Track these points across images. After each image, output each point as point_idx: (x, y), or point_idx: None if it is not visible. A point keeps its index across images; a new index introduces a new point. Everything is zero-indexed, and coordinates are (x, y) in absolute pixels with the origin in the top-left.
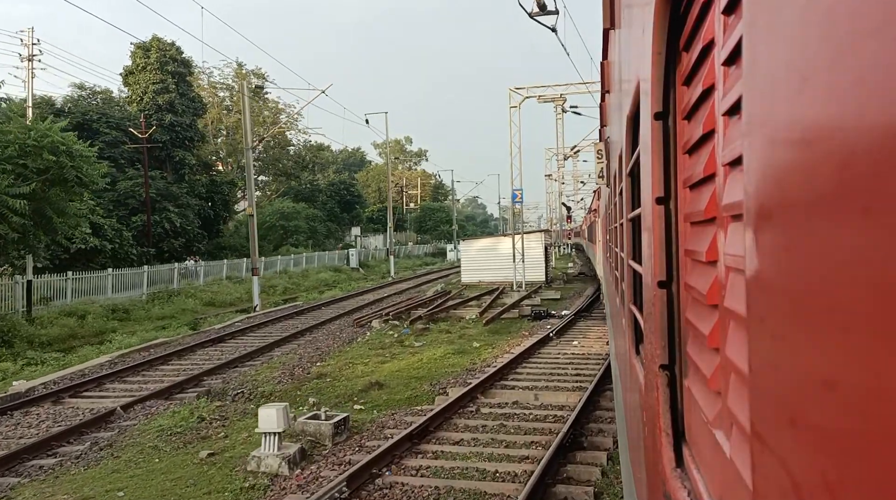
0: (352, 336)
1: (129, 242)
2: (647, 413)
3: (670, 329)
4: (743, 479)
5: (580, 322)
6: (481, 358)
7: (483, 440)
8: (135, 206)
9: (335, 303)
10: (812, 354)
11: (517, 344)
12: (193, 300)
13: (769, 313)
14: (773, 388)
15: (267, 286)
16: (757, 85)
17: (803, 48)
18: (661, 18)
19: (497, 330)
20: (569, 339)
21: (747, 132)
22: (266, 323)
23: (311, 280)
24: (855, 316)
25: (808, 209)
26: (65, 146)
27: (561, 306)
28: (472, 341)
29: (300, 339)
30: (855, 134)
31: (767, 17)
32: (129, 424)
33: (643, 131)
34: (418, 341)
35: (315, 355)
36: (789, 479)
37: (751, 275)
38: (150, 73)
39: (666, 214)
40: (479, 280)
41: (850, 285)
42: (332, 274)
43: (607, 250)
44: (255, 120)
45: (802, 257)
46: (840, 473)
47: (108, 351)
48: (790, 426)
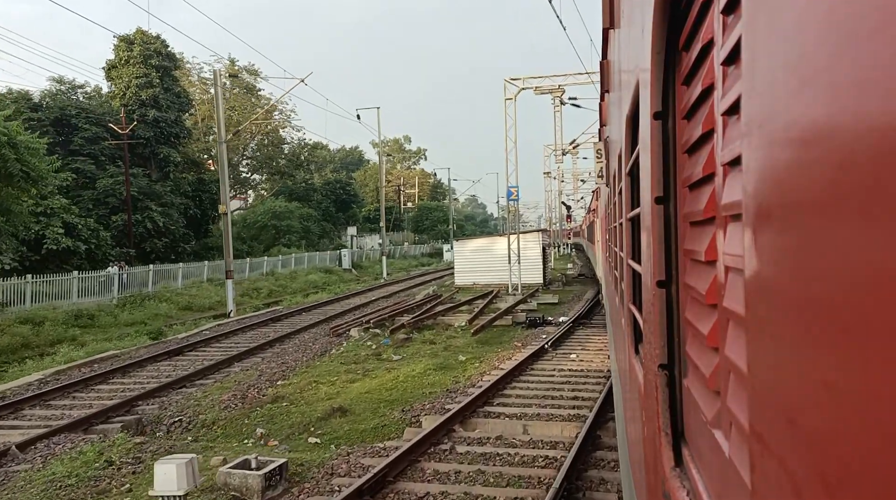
0: (325, 347)
1: (108, 242)
2: (647, 413)
3: (669, 329)
4: (742, 478)
5: (579, 331)
6: (466, 375)
7: (454, 495)
8: (115, 204)
9: (318, 307)
10: (811, 354)
11: (508, 358)
12: (168, 305)
13: (768, 313)
14: (772, 388)
15: (251, 289)
16: (756, 85)
17: (802, 48)
18: (660, 18)
19: (487, 340)
20: (566, 351)
21: (746, 132)
22: (237, 331)
23: (300, 282)
24: (853, 316)
25: (806, 209)
26: (6, 137)
27: (559, 311)
28: (457, 354)
29: (267, 351)
30: (853, 134)
31: (766, 18)
32: (18, 470)
33: (642, 131)
34: (397, 354)
35: (278, 371)
36: (788, 478)
37: (750, 275)
38: (133, 68)
39: (665, 214)
40: (474, 283)
41: (848, 285)
42: (323, 276)
43: (607, 249)
44: (246, 116)
45: (801, 257)
46: (838, 472)
47: (50, 365)
48: (789, 426)
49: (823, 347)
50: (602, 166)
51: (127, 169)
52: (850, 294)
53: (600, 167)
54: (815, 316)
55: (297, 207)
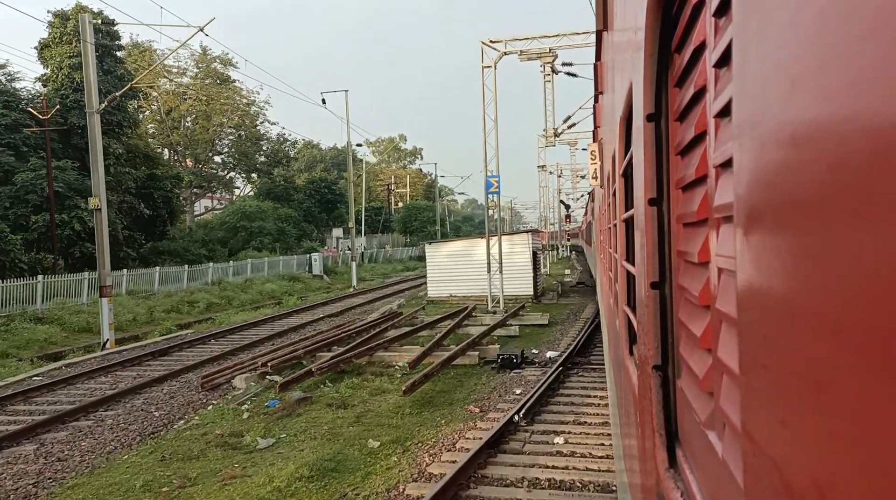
0: (176, 413)
1: (17, 246)
2: (641, 414)
3: (663, 330)
4: (735, 479)
5: (572, 379)
6: (362, 495)
7: None
8: (37, 202)
9: (245, 329)
10: (803, 354)
11: (451, 444)
12: (55, 328)
13: (760, 314)
14: (765, 388)
15: (185, 302)
16: (747, 87)
17: (793, 51)
18: (653, 20)
19: (431, 398)
20: (549, 427)
21: (738, 134)
22: (72, 380)
23: (252, 293)
24: (845, 317)
25: (798, 211)
26: None
27: (548, 337)
28: (371, 432)
29: (67, 426)
30: (845, 136)
31: (757, 20)
32: None
33: (636, 132)
34: (267, 437)
35: (37, 480)
36: (780, 479)
37: (742, 276)
38: (67, 46)
39: (659, 216)
40: (450, 294)
41: (840, 287)
42: (285, 284)
43: (601, 251)
44: (220, 109)
45: (793, 258)
46: (830, 473)
47: None
48: (781, 427)
49: (815, 348)
50: (596, 168)
51: (49, 161)
52: (841, 296)
53: (594, 169)
54: (807, 317)
55: (274, 208)
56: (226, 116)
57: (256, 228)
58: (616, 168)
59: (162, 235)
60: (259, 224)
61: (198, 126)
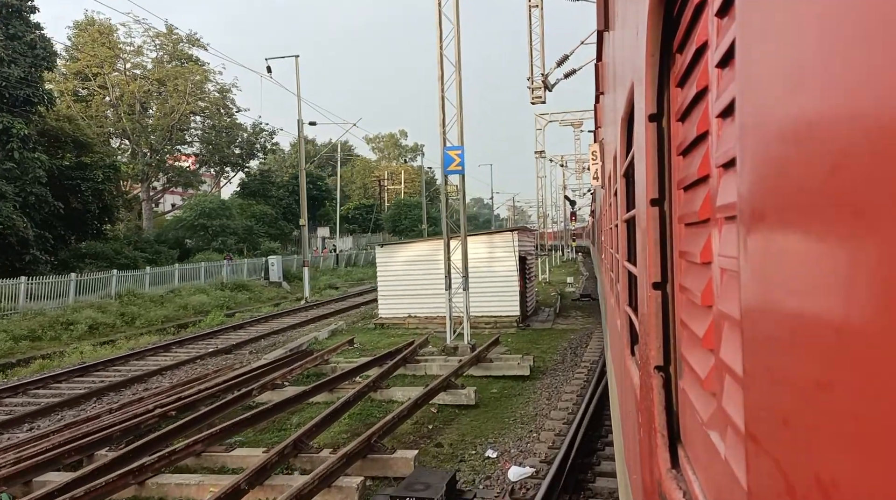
0: None
1: None
2: (643, 414)
3: (665, 331)
4: (738, 480)
5: None
6: None
7: None
8: None
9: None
10: (805, 355)
11: None
12: None
13: (763, 315)
14: (767, 389)
15: (60, 322)
16: (750, 87)
17: (796, 51)
18: (654, 20)
19: None
20: None
21: (741, 134)
22: None
23: (171, 308)
24: (848, 317)
25: (800, 211)
26: None
27: (523, 411)
28: None
29: None
30: (847, 136)
31: (760, 20)
32: None
33: (637, 133)
34: None
35: None
36: (783, 480)
37: (744, 276)
38: None
39: (660, 216)
40: (408, 314)
41: (842, 287)
42: (225, 295)
43: (603, 252)
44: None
45: (795, 258)
46: (833, 473)
47: None
48: (784, 427)
49: (818, 348)
50: (598, 168)
51: None
52: (845, 296)
53: (595, 169)
54: (810, 318)
55: (246, 204)
56: (184, 100)
57: (218, 227)
58: (617, 168)
59: (98, 235)
60: (221, 222)
61: (156, 111)
